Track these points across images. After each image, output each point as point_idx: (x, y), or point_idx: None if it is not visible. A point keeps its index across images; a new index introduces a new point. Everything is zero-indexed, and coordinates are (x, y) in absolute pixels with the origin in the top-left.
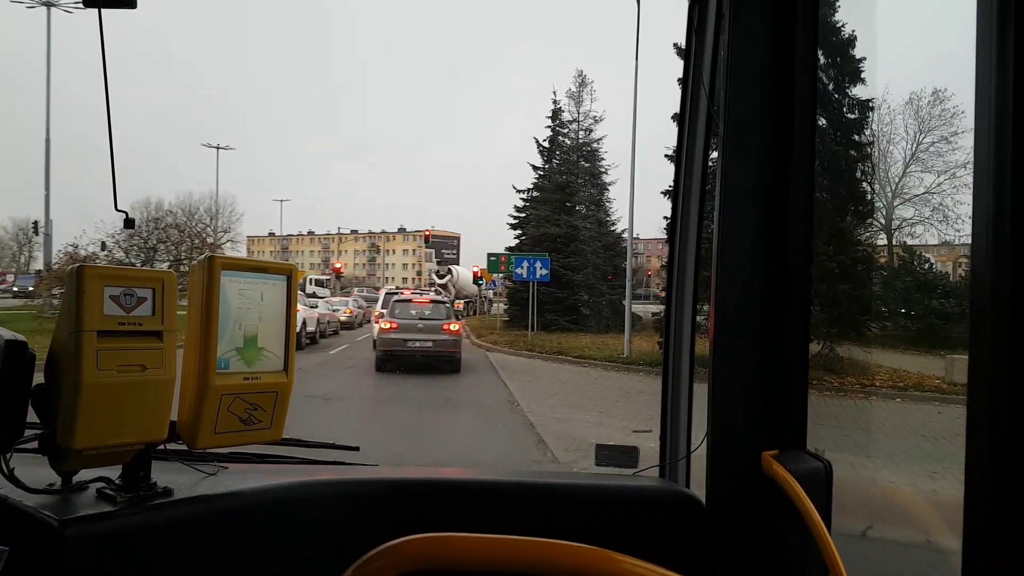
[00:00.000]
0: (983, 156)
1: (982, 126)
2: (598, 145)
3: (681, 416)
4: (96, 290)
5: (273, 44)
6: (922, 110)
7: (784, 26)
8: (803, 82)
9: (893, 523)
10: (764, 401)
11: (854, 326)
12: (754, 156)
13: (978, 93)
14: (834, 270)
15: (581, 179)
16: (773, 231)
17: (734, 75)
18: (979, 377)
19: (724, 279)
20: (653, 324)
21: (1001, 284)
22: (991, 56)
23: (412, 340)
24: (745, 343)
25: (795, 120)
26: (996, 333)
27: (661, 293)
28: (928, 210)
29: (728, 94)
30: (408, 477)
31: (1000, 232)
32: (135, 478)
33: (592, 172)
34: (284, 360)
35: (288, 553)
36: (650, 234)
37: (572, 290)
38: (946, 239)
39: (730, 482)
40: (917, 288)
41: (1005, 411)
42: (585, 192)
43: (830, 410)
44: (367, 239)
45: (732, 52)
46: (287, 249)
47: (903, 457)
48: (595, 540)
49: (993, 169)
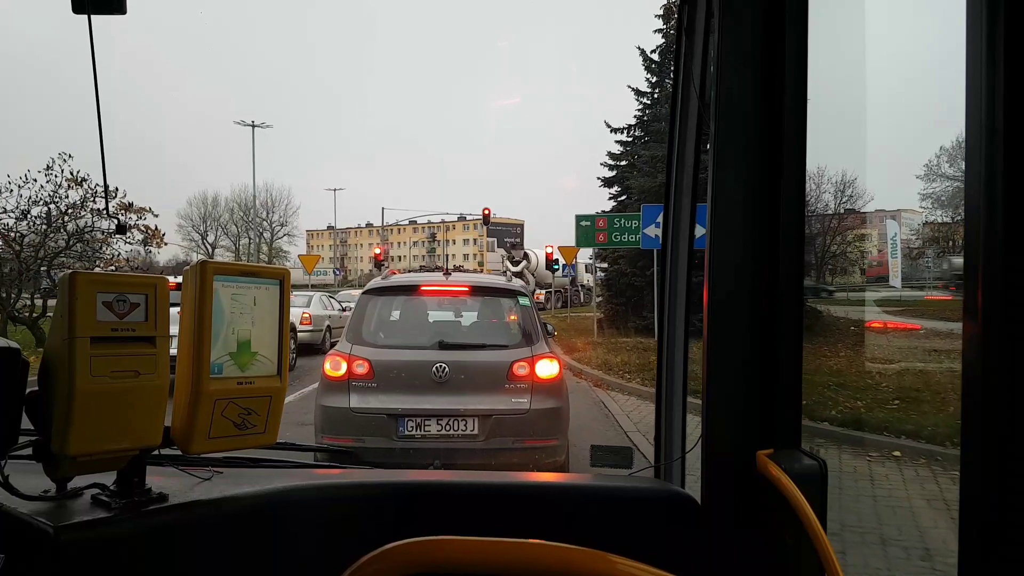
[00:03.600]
0: (974, 155)
1: (973, 127)
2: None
3: (675, 416)
4: (89, 296)
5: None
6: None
7: (775, 25)
8: (794, 82)
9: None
10: (758, 400)
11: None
12: (745, 157)
13: (969, 92)
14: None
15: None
16: (765, 231)
17: (724, 75)
18: (973, 375)
19: (717, 279)
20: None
21: (993, 282)
22: (981, 53)
23: (420, 416)
24: (738, 342)
25: (785, 118)
26: (988, 332)
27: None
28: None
29: (718, 94)
30: (402, 480)
31: (992, 231)
32: (130, 484)
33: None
34: (278, 365)
35: (284, 557)
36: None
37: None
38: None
39: (725, 482)
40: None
41: (1002, 408)
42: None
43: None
44: (426, 229)
45: (722, 52)
46: (346, 243)
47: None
48: (591, 541)
49: (984, 168)
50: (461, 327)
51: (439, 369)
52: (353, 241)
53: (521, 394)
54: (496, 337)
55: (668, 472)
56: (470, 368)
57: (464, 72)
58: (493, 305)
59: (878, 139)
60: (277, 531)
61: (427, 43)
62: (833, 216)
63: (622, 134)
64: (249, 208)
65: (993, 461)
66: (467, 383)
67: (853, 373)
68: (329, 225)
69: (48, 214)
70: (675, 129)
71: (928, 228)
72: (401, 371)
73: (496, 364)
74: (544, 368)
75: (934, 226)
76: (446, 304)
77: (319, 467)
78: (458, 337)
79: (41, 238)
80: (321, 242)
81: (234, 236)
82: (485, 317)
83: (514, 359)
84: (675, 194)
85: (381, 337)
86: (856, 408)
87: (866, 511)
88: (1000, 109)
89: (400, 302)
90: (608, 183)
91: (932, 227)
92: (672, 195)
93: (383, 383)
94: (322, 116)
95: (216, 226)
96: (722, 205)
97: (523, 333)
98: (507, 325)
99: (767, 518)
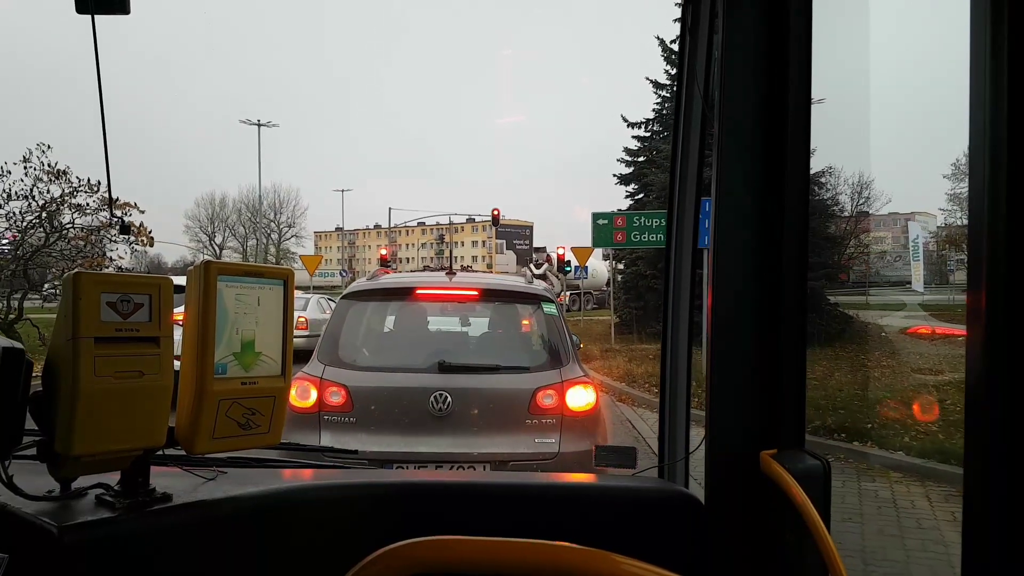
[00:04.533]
0: (978, 154)
1: (977, 127)
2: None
3: (679, 416)
4: (93, 296)
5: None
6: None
7: (778, 24)
8: (798, 81)
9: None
10: (762, 400)
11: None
12: (748, 155)
13: (972, 90)
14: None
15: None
16: (769, 231)
17: (728, 75)
18: (977, 369)
19: (720, 278)
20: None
21: (996, 284)
22: (985, 51)
23: (412, 463)
24: (742, 342)
25: (789, 118)
26: (992, 332)
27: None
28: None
29: (722, 94)
30: (407, 480)
31: (995, 233)
32: (134, 484)
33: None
34: (282, 365)
35: (288, 557)
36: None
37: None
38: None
39: (729, 482)
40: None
41: (1004, 404)
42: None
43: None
44: (434, 230)
45: (726, 51)
46: (354, 244)
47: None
48: (595, 541)
49: (988, 167)
50: (468, 343)
51: (439, 399)
52: (361, 242)
53: (547, 432)
54: (514, 356)
55: (672, 472)
56: (480, 398)
57: (473, 73)
58: (509, 314)
59: (883, 138)
60: (281, 531)
61: (439, 42)
62: (850, 218)
63: (639, 129)
64: (256, 209)
65: (998, 464)
66: (476, 418)
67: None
68: (337, 226)
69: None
70: (679, 129)
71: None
72: (389, 402)
73: (514, 392)
74: (577, 397)
75: (952, 228)
76: (449, 313)
77: (323, 467)
78: (464, 356)
79: (20, 234)
80: (329, 243)
81: (242, 237)
82: (499, 330)
83: (538, 386)
84: (679, 195)
85: (364, 356)
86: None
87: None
88: (1004, 110)
89: (389, 310)
90: (624, 180)
91: (950, 229)
92: (676, 196)
93: (364, 417)
94: (331, 116)
95: (224, 227)
96: (726, 205)
97: (549, 350)
98: (528, 340)
99: (771, 518)
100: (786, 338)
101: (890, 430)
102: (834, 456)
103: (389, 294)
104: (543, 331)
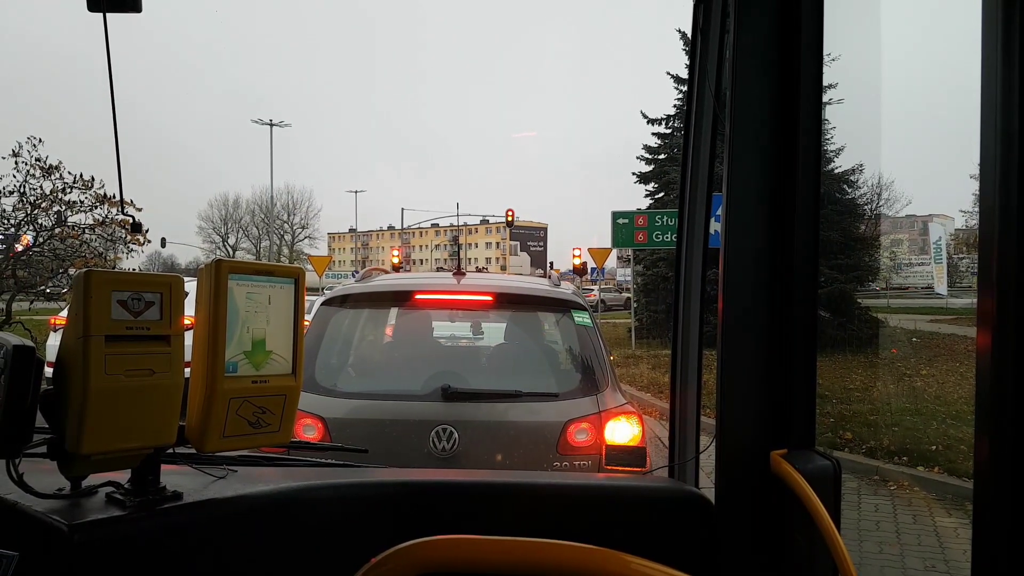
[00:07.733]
0: (989, 153)
1: (988, 127)
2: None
3: (690, 416)
4: (104, 295)
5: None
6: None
7: (790, 24)
8: (809, 81)
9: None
10: (772, 401)
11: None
12: (760, 156)
13: (984, 91)
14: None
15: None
16: (780, 231)
17: (739, 75)
18: (986, 371)
19: (731, 279)
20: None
21: (1007, 282)
22: (996, 51)
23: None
24: (753, 342)
25: (800, 119)
26: (1001, 331)
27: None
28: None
29: (734, 94)
30: (417, 479)
31: (1007, 230)
32: (144, 482)
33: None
34: (292, 363)
35: (299, 555)
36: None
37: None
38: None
39: (739, 482)
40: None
41: (1013, 404)
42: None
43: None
44: (448, 232)
45: (737, 51)
46: (367, 245)
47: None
48: (605, 540)
49: (999, 167)
50: (480, 363)
51: (442, 435)
52: (375, 244)
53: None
54: (538, 379)
55: (682, 472)
56: (494, 433)
57: (485, 72)
58: (531, 324)
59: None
60: (291, 529)
61: (455, 41)
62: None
63: (659, 125)
64: (269, 210)
65: (1006, 466)
66: (490, 459)
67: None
68: (351, 228)
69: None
70: (690, 129)
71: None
72: (377, 439)
73: (539, 426)
74: (620, 431)
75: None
76: (457, 324)
77: (333, 466)
78: (475, 380)
79: (14, 229)
80: (343, 245)
81: (255, 238)
82: (519, 344)
83: (570, 418)
84: (690, 194)
85: (348, 379)
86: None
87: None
88: (1016, 109)
89: (381, 320)
90: (644, 179)
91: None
92: (687, 196)
93: (345, 459)
94: (345, 116)
95: (237, 228)
96: (737, 205)
97: (582, 371)
98: (555, 358)
99: (781, 518)
100: (796, 338)
101: (958, 453)
102: (896, 484)
103: (381, 299)
104: (574, 346)
